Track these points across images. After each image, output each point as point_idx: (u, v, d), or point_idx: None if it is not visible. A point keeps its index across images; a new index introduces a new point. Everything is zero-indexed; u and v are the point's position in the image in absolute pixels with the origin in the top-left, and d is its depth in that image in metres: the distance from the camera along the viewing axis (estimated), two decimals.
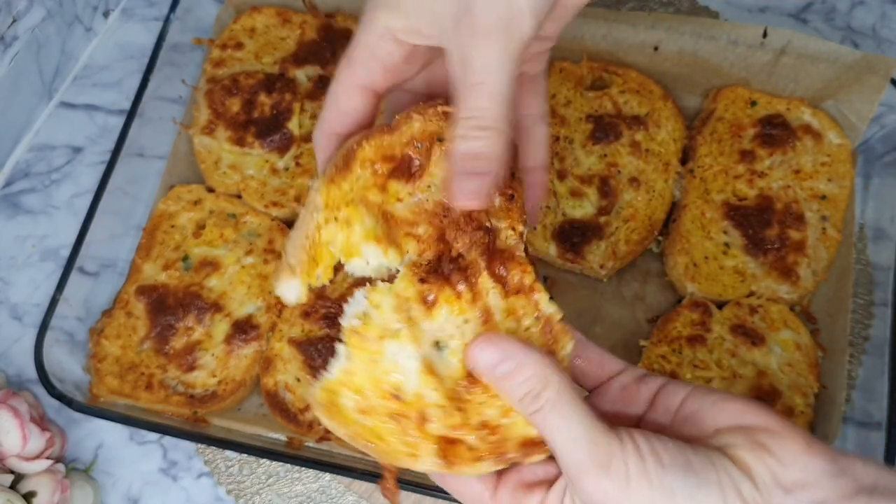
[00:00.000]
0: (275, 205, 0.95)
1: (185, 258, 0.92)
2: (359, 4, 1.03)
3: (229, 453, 0.90)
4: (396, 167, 0.53)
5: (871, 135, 0.93)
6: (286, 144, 0.97)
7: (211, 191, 0.97)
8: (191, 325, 0.89)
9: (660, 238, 0.94)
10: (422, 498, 0.86)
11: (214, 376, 0.87)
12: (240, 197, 0.96)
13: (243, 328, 0.89)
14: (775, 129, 0.94)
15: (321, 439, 0.84)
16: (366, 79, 0.54)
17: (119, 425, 0.90)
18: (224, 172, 0.97)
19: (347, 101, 0.55)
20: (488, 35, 0.47)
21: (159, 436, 0.92)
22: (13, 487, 0.81)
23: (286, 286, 0.52)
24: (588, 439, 0.45)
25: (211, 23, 1.05)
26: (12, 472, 0.82)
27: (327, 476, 0.88)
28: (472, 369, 0.50)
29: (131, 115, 0.94)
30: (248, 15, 1.04)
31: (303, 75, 1.01)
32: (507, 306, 0.50)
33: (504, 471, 0.51)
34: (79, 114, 1.09)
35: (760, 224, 0.90)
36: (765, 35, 0.91)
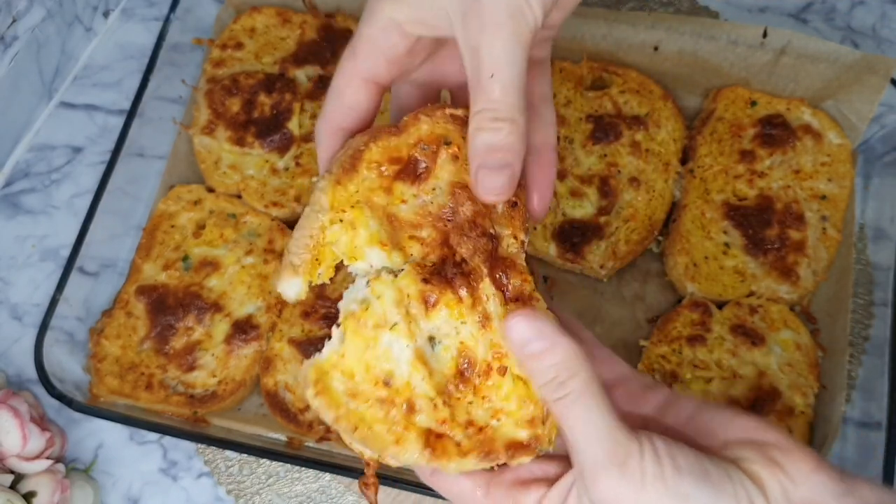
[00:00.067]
0: (275, 205, 0.95)
1: (185, 258, 0.92)
2: (359, 4, 1.04)
3: (229, 453, 0.90)
4: (402, 169, 0.53)
5: (871, 135, 0.93)
6: (286, 144, 0.97)
7: (211, 191, 0.97)
8: (191, 325, 0.89)
9: (660, 238, 0.94)
10: (422, 498, 0.86)
11: (214, 376, 0.87)
12: (240, 197, 0.96)
13: (243, 328, 0.89)
14: (775, 129, 0.94)
15: (321, 439, 0.84)
16: (369, 71, 0.54)
17: (119, 425, 0.90)
18: (224, 172, 0.97)
19: (351, 94, 0.54)
20: (497, 25, 0.47)
21: (159, 436, 0.92)
22: (13, 487, 0.81)
23: (288, 284, 0.52)
24: (608, 436, 0.44)
25: (211, 23, 1.05)
26: (12, 472, 0.82)
27: (327, 476, 0.88)
28: (505, 338, 0.49)
29: (131, 115, 0.94)
30: (248, 15, 1.04)
31: (303, 75, 1.01)
32: (505, 313, 0.50)
33: (497, 468, 0.50)
34: (79, 114, 1.09)
35: (760, 224, 0.90)
36: (765, 35, 0.91)
